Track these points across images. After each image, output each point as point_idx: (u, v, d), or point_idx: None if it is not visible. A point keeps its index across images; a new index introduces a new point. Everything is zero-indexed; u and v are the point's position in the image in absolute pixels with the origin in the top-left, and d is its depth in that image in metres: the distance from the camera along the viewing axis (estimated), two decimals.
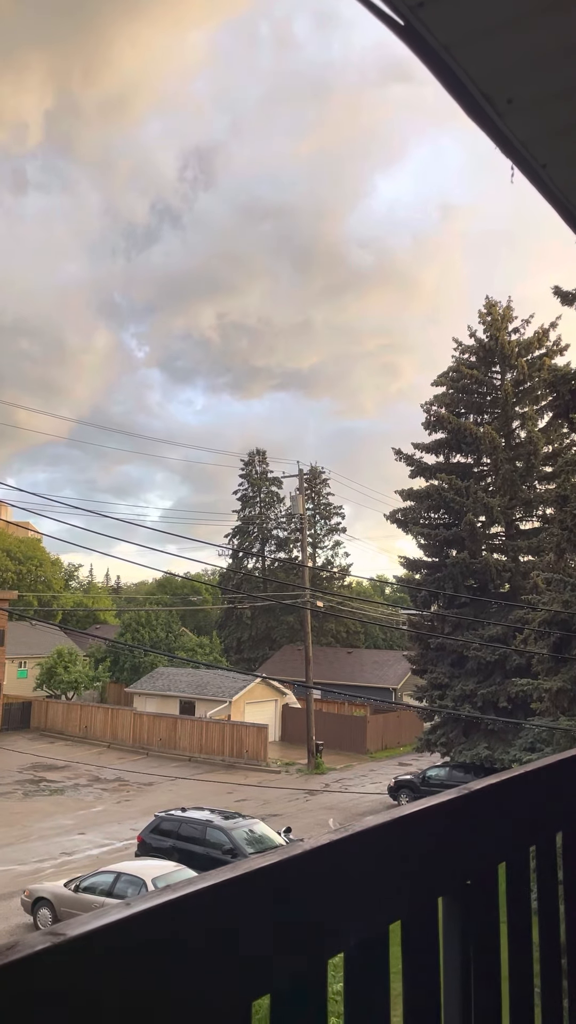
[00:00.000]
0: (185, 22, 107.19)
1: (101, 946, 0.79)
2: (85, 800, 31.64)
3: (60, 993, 0.74)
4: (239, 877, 0.94)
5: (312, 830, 24.29)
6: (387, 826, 1.20)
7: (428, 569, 30.94)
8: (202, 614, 70.79)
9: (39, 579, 68.50)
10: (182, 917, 0.88)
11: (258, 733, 39.52)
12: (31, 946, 0.74)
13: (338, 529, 64.21)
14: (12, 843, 25.42)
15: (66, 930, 0.77)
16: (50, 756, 37.70)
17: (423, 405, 31.48)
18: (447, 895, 1.36)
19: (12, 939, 0.75)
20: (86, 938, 0.77)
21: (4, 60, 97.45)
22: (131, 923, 0.82)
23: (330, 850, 1.08)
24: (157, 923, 0.85)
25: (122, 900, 0.87)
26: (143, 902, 0.85)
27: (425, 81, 1.66)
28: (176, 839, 20.75)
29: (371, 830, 1.17)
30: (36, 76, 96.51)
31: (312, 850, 1.05)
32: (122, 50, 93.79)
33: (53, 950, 0.75)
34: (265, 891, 0.98)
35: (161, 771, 36.14)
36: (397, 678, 49.83)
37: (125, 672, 53.32)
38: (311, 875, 1.05)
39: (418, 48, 1.55)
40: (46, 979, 0.74)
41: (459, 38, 1.52)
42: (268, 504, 64.85)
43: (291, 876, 1.02)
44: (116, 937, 0.80)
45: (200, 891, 0.90)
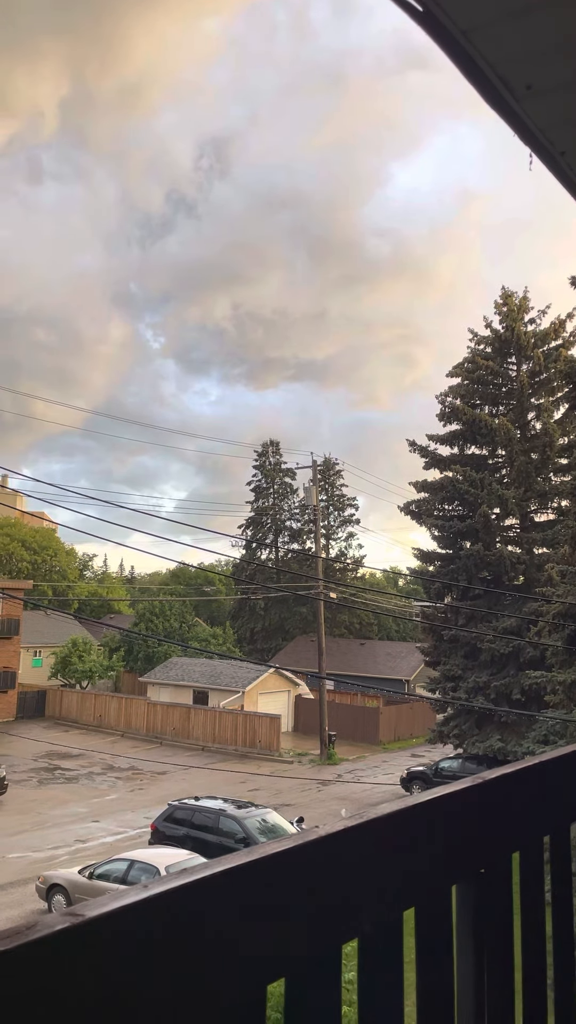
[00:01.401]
0: (201, 10, 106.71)
1: (118, 927, 0.80)
2: (99, 788, 31.90)
3: (78, 973, 0.75)
4: (255, 862, 0.95)
5: (324, 820, 24.29)
6: (402, 814, 1.21)
7: (442, 561, 30.87)
8: (215, 604, 71.01)
9: (54, 569, 68.91)
10: (198, 901, 0.89)
11: (271, 723, 39.67)
12: (50, 926, 0.75)
13: (352, 520, 64.19)
14: (27, 830, 25.69)
15: (84, 911, 0.78)
16: (65, 744, 38.01)
17: (438, 396, 31.35)
18: (461, 883, 1.37)
19: (31, 919, 0.76)
20: (104, 919, 0.78)
21: (20, 49, 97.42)
22: (148, 905, 0.83)
23: (345, 836, 1.08)
24: (173, 906, 0.86)
25: (139, 883, 0.88)
26: (160, 885, 0.86)
27: (442, 68, 1.64)
28: (189, 827, 20.89)
29: (386, 817, 1.17)
30: (52, 65, 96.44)
31: (328, 836, 1.05)
32: (138, 39, 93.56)
33: (71, 931, 0.76)
34: (280, 876, 0.99)
35: (174, 760, 36.36)
36: (410, 670, 49.84)
37: (139, 662, 53.63)
38: (326, 861, 1.06)
39: (436, 34, 1.54)
40: (65, 959, 0.74)
41: (478, 23, 1.51)
42: (281, 495, 64.87)
43: (306, 861, 1.03)
44: (133, 919, 0.81)
45: (216, 875, 0.91)
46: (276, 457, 64.89)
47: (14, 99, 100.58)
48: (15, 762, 35.06)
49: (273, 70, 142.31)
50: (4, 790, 29.24)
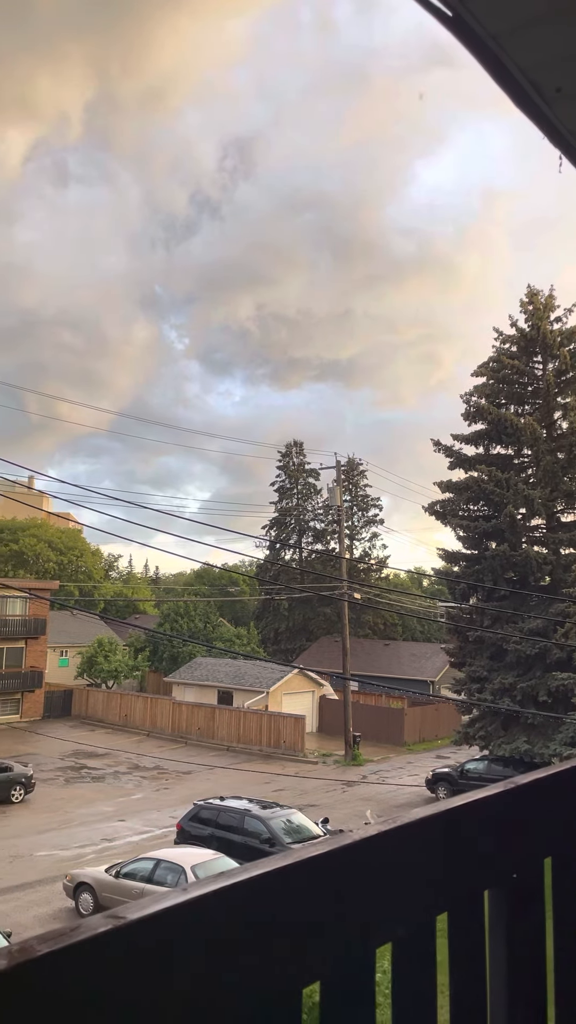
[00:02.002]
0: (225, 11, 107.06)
1: (160, 929, 0.81)
2: (125, 787, 32.11)
3: (122, 974, 0.77)
4: (291, 865, 0.96)
5: (349, 821, 24.34)
6: (435, 818, 1.21)
7: (467, 561, 30.69)
8: (240, 605, 71.17)
9: (80, 569, 69.50)
10: (236, 904, 0.90)
11: (295, 724, 39.68)
12: (93, 928, 0.76)
13: (376, 521, 64.00)
14: (55, 828, 25.93)
15: (126, 913, 0.80)
16: (91, 743, 38.32)
17: (463, 396, 31.18)
18: (494, 888, 1.37)
19: (76, 923, 0.78)
20: (145, 922, 0.80)
21: (46, 52, 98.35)
22: (188, 908, 0.84)
23: (381, 840, 1.09)
24: (213, 909, 0.87)
25: (179, 887, 0.89)
26: (199, 888, 0.87)
27: (467, 66, 1.64)
28: (215, 827, 20.95)
29: (420, 822, 1.18)
30: (76, 68, 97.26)
31: (363, 840, 1.06)
32: (162, 40, 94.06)
33: (114, 932, 0.77)
34: (317, 880, 1.00)
35: (199, 760, 36.50)
36: (435, 671, 49.60)
37: (164, 662, 53.90)
38: (362, 865, 1.07)
39: (465, 38, 1.54)
40: (108, 960, 0.76)
41: (507, 27, 1.51)
42: (305, 496, 64.84)
43: (342, 865, 1.04)
44: (174, 921, 0.83)
45: (253, 879, 0.92)
46: (300, 457, 64.91)
47: (40, 102, 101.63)
48: (42, 761, 35.41)
49: (297, 70, 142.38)
50: (32, 789, 29.54)
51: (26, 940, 0.73)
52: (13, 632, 47.06)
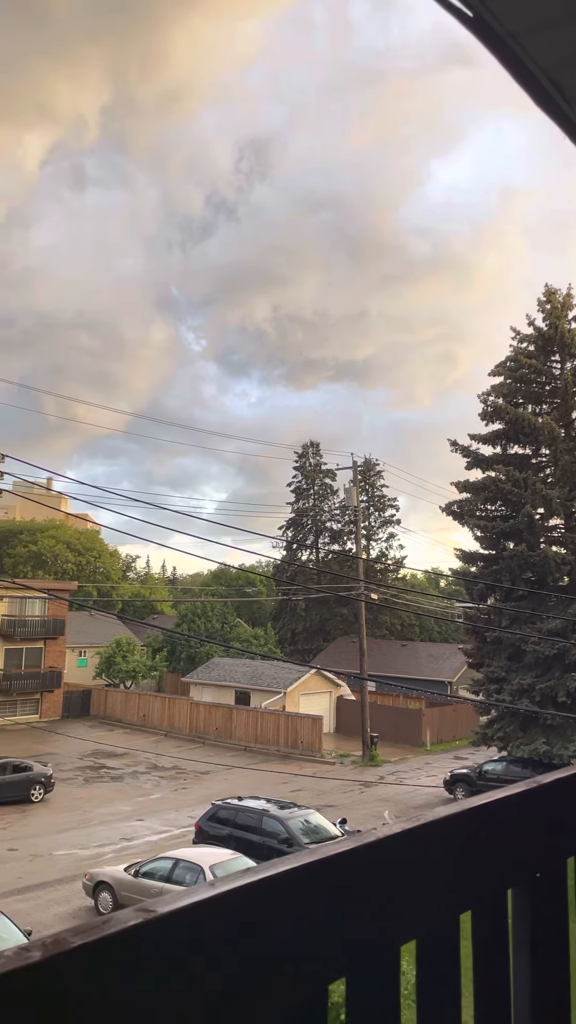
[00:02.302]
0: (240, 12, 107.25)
1: (189, 923, 0.82)
2: (143, 787, 32.25)
3: (154, 965, 0.78)
4: (316, 862, 0.97)
5: (367, 822, 24.30)
6: (457, 816, 1.22)
7: (484, 562, 30.55)
8: (257, 605, 71.26)
9: (98, 570, 69.87)
10: (261, 900, 0.91)
11: (313, 724, 39.67)
12: (125, 921, 0.78)
13: (392, 521, 63.89)
14: (74, 828, 26.08)
15: (156, 907, 0.81)
16: (109, 743, 38.51)
17: (480, 395, 31.06)
18: (517, 887, 1.37)
19: (107, 915, 0.79)
20: (176, 915, 0.81)
21: (63, 56, 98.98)
22: (216, 903, 0.85)
23: (404, 838, 1.10)
24: (240, 904, 0.88)
25: (207, 882, 0.90)
26: (226, 883, 0.88)
27: (484, 64, 1.64)
28: (233, 827, 20.99)
29: (442, 820, 1.18)
30: (94, 72, 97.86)
31: (387, 838, 1.07)
32: (178, 43, 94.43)
33: (145, 925, 0.78)
34: (341, 878, 1.01)
35: (217, 760, 36.58)
36: (453, 671, 49.41)
37: (181, 662, 54.07)
38: (386, 862, 1.08)
39: (486, 38, 1.54)
40: (141, 952, 0.77)
41: (528, 26, 1.50)
42: (322, 496, 64.84)
43: (366, 862, 1.04)
44: (202, 915, 0.84)
45: (278, 875, 0.93)
46: (316, 458, 64.92)
47: (57, 106, 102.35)
48: (62, 760, 35.63)
49: (312, 70, 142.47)
50: (51, 788, 29.74)
51: (59, 932, 0.75)
52: (32, 633, 47.40)
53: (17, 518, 78.60)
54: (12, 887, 19.92)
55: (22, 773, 29.17)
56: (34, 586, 40.28)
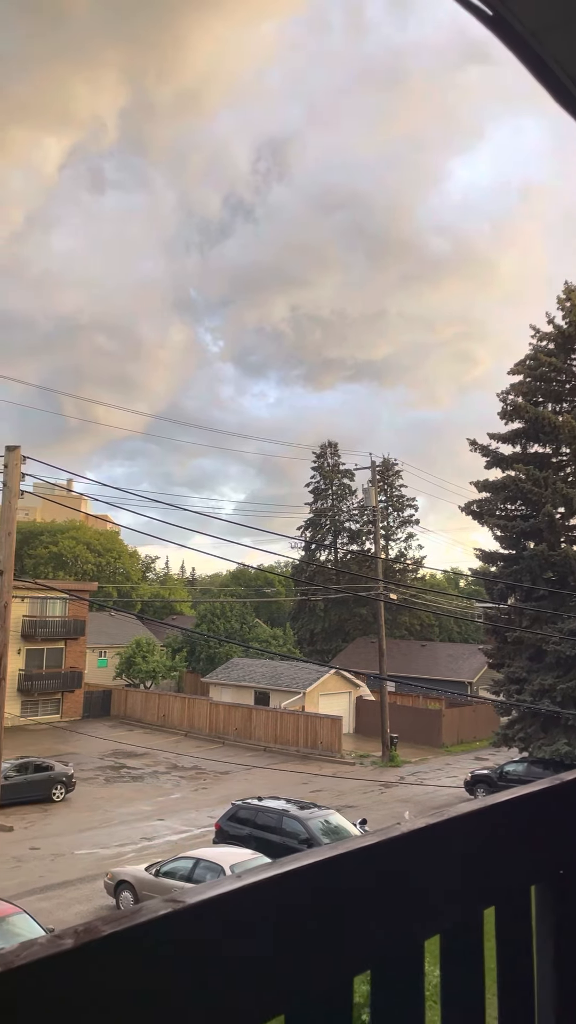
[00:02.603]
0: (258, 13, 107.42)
1: (216, 914, 0.84)
2: (164, 787, 32.37)
3: (181, 955, 0.80)
4: (341, 855, 0.98)
5: (387, 822, 24.12)
6: (482, 812, 1.22)
7: (505, 561, 30.39)
8: (275, 606, 71.32)
9: (118, 571, 70.26)
10: (286, 892, 0.92)
11: (332, 724, 39.64)
12: (154, 911, 0.79)
13: (411, 521, 63.70)
14: (95, 827, 26.23)
15: (184, 898, 0.83)
16: (129, 743, 38.69)
17: (499, 394, 30.90)
18: (540, 884, 1.37)
19: (137, 905, 0.81)
20: (203, 905, 0.83)
21: (82, 60, 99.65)
22: (243, 895, 0.87)
23: (429, 832, 1.11)
24: (266, 895, 0.89)
25: (233, 874, 0.91)
26: (253, 876, 0.89)
27: (503, 60, 1.64)
28: (253, 827, 21.02)
29: (466, 816, 1.19)
30: (112, 74, 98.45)
31: (411, 832, 1.08)
32: (195, 44, 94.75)
33: (174, 915, 0.80)
34: (365, 870, 1.02)
35: (237, 760, 36.65)
36: (473, 672, 49.18)
37: (201, 662, 54.22)
38: (410, 856, 1.08)
39: (506, 37, 1.54)
40: (170, 941, 0.79)
41: (549, 24, 1.51)
42: (340, 496, 64.77)
43: (390, 856, 1.05)
44: (229, 906, 0.85)
45: (303, 868, 0.94)
46: (334, 458, 64.85)
47: (76, 109, 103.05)
48: (83, 760, 35.85)
49: (330, 70, 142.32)
50: (72, 787, 29.93)
51: (91, 921, 0.77)
52: (53, 633, 47.71)
53: (38, 519, 79.20)
54: (34, 886, 20.09)
55: (44, 773, 29.38)
56: (55, 587, 40.55)
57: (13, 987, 0.67)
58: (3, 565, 13.94)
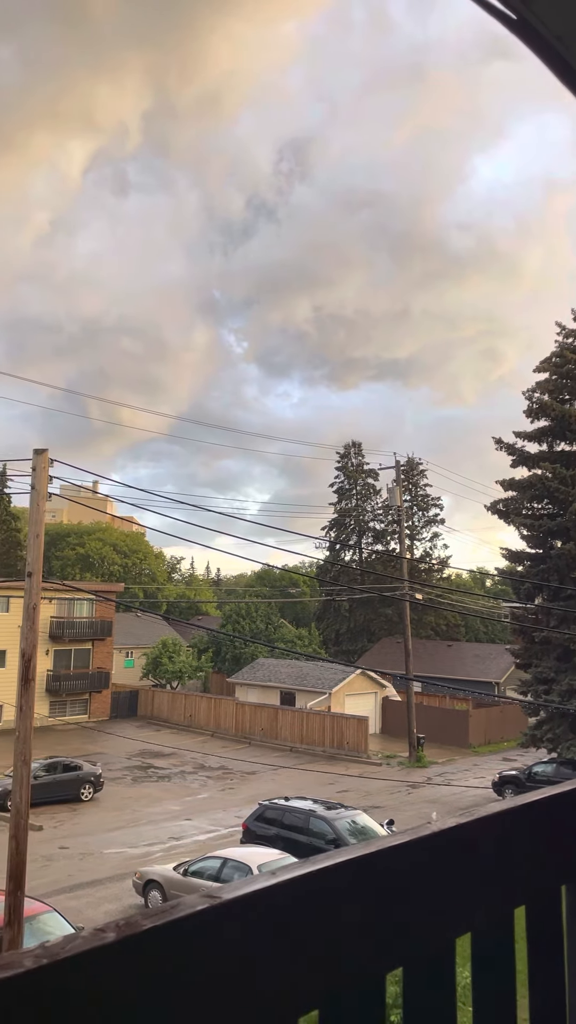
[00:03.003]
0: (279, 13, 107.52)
1: (251, 909, 0.86)
2: (191, 787, 32.52)
3: (217, 949, 0.82)
4: (373, 854, 0.99)
5: (415, 823, 24.08)
6: (511, 812, 1.23)
7: (531, 561, 30.14)
8: (300, 606, 71.33)
9: (143, 572, 70.71)
10: (319, 889, 0.94)
11: (358, 725, 39.57)
12: (191, 906, 0.81)
13: (436, 520, 63.37)
14: (123, 827, 26.42)
15: (220, 894, 0.85)
16: (157, 743, 38.92)
17: (525, 392, 30.65)
18: (571, 883, 1.37)
19: (175, 901, 0.83)
20: (239, 901, 0.85)
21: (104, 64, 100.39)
22: (278, 890, 0.89)
23: (459, 832, 1.12)
24: (298, 892, 0.91)
25: (268, 871, 0.93)
26: (286, 873, 0.91)
27: (527, 56, 1.64)
28: (280, 827, 21.05)
29: (496, 816, 1.20)
30: (134, 78, 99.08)
31: (441, 831, 1.09)
32: (217, 46, 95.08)
33: (211, 910, 0.82)
34: (397, 868, 1.03)
35: (263, 760, 36.71)
36: (500, 672, 48.83)
37: (227, 662, 54.37)
38: (440, 856, 1.10)
39: (530, 40, 1.55)
40: (206, 936, 0.81)
41: (574, 28, 1.51)
42: (364, 496, 64.61)
43: (421, 854, 1.07)
44: (265, 902, 0.87)
45: (338, 865, 0.96)
46: (358, 458, 64.72)
47: (99, 113, 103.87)
48: (110, 760, 36.13)
49: (352, 68, 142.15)
50: (101, 787, 30.18)
51: (132, 915, 0.79)
52: (81, 634, 48.13)
53: (64, 521, 79.92)
54: (64, 885, 20.29)
55: (72, 772, 29.65)
56: (82, 588, 40.91)
57: (58, 979, 0.68)
58: (32, 567, 14.08)
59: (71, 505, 70.29)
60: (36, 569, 14.06)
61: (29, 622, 13.91)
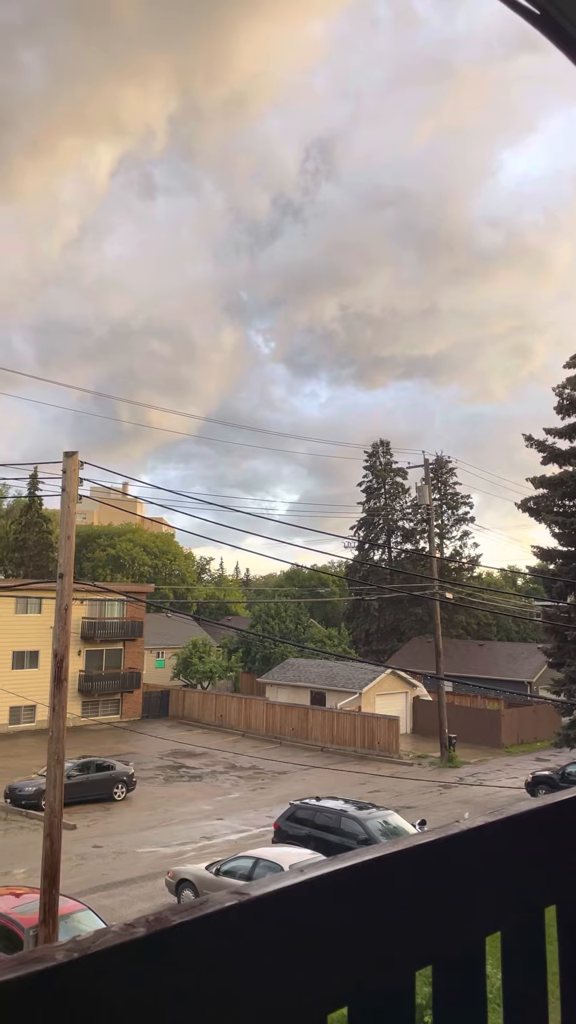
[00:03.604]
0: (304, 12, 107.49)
1: (281, 906, 0.87)
2: (222, 787, 32.63)
3: (248, 944, 0.82)
4: (401, 852, 1.00)
5: (447, 823, 23.99)
6: (543, 811, 1.22)
7: (563, 559, 29.80)
8: (329, 606, 71.25)
9: (173, 572, 71.12)
10: (348, 887, 0.95)
11: (389, 725, 39.43)
12: (221, 902, 0.82)
13: (466, 519, 62.89)
14: (155, 826, 26.59)
15: (249, 891, 0.86)
16: (188, 743, 39.12)
17: (555, 388, 30.34)
18: None
19: (204, 896, 0.84)
20: (267, 898, 0.85)
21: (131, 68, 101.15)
22: (306, 888, 0.89)
23: (490, 830, 1.12)
24: (328, 889, 0.92)
25: (296, 868, 0.94)
26: (315, 870, 0.92)
27: (554, 50, 1.63)
28: (311, 827, 21.05)
29: (527, 814, 1.19)
30: (160, 80, 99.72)
31: (471, 829, 1.09)
32: (242, 47, 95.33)
33: (239, 907, 0.83)
34: (426, 866, 1.03)
35: (294, 760, 36.73)
36: (532, 671, 48.35)
37: (256, 663, 54.47)
38: (471, 853, 1.10)
39: (554, 35, 1.54)
40: (236, 932, 0.82)
41: None
42: (393, 495, 64.35)
43: (451, 852, 1.07)
44: (293, 899, 0.88)
45: (367, 862, 0.96)
46: (387, 457, 64.47)
47: (126, 117, 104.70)
48: (142, 760, 36.38)
49: (378, 66, 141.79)
50: (133, 787, 30.40)
51: (161, 911, 0.80)
52: (112, 634, 48.53)
53: (95, 523, 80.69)
54: (98, 883, 20.47)
55: (105, 772, 29.91)
56: (113, 589, 41.29)
57: (89, 972, 0.69)
58: (63, 568, 14.23)
59: (101, 507, 71.02)
60: (67, 570, 14.21)
61: (61, 623, 14.06)
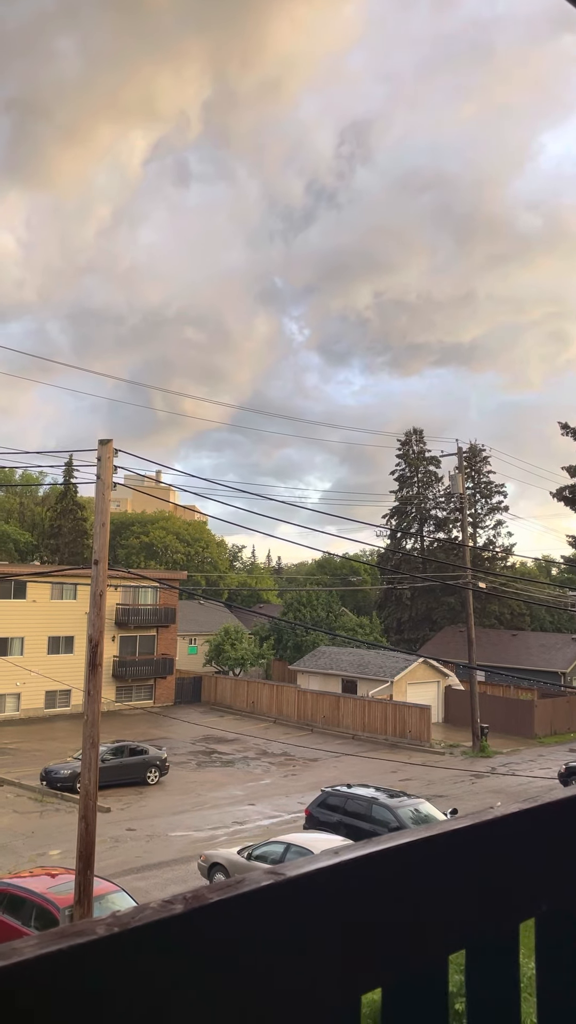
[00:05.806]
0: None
1: (315, 886, 0.88)
2: (254, 772, 32.89)
3: (283, 923, 0.84)
4: (435, 836, 1.00)
5: None
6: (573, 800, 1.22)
7: None
8: (361, 594, 71.18)
9: (206, 560, 71.57)
10: (382, 869, 0.95)
11: (421, 714, 39.38)
12: (257, 882, 0.84)
13: (500, 508, 62.32)
14: (188, 810, 26.91)
15: (284, 871, 0.87)
16: (220, 729, 39.47)
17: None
18: None
19: (240, 876, 0.85)
20: (302, 878, 0.86)
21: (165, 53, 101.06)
22: (341, 869, 0.90)
23: (523, 816, 1.12)
24: (363, 871, 0.93)
25: (331, 850, 0.95)
26: (349, 852, 0.93)
27: None
28: (343, 814, 21.15)
29: (561, 802, 1.19)
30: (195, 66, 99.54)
31: (505, 816, 1.09)
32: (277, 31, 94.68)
33: (276, 886, 0.84)
34: (459, 850, 1.04)
35: (326, 747, 36.88)
36: (566, 662, 47.90)
37: (288, 650, 54.68)
38: (504, 839, 1.10)
39: None
40: (270, 910, 0.83)
41: None
42: (426, 484, 63.98)
43: (485, 838, 1.07)
44: (328, 880, 0.89)
45: (401, 846, 0.97)
46: (420, 445, 64.07)
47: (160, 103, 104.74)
48: (175, 745, 36.79)
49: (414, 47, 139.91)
50: (166, 771, 30.78)
51: (199, 889, 0.82)
52: (145, 621, 49.05)
53: (129, 510, 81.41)
54: (131, 866, 20.80)
55: (138, 756, 30.31)
56: (146, 576, 41.64)
57: (129, 946, 0.71)
58: (98, 555, 14.40)
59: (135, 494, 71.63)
60: (102, 557, 14.37)
61: (96, 609, 14.24)
